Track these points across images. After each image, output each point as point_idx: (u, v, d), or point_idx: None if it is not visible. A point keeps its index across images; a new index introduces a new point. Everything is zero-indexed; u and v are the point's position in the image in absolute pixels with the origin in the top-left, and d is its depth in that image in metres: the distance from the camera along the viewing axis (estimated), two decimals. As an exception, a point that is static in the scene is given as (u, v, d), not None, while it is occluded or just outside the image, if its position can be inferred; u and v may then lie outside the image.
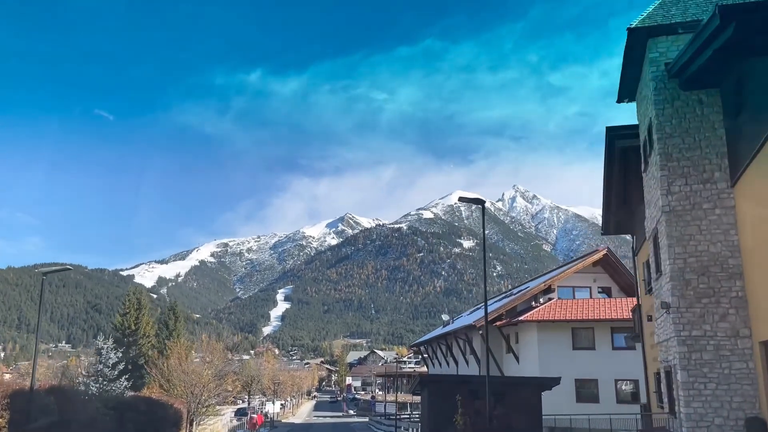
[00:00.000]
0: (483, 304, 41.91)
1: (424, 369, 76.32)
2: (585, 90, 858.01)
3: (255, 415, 37.47)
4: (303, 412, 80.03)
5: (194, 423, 25.44)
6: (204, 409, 25.76)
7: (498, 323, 26.60)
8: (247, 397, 60.09)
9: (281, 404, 65.56)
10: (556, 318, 24.42)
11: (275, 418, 56.98)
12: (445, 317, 41.04)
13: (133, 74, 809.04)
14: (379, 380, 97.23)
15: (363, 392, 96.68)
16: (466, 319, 33.27)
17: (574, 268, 28.20)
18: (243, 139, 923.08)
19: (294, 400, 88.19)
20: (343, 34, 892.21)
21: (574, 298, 26.99)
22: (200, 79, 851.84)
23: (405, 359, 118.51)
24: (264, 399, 56.52)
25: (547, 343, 24.61)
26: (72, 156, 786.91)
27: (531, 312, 25.32)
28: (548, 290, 27.22)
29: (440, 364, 39.12)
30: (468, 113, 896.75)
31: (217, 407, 29.89)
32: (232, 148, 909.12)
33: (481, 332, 27.06)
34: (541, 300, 26.97)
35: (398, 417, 35.88)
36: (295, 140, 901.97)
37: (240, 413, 48.52)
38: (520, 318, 25.04)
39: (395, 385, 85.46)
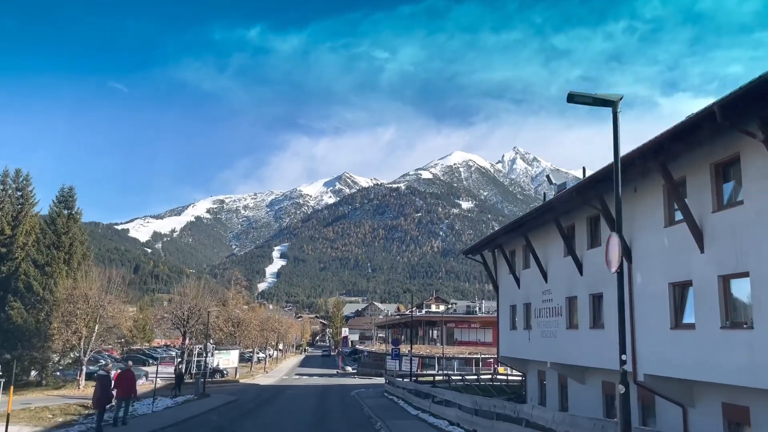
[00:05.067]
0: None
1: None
2: (588, 53, 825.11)
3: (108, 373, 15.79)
4: (282, 368, 62.79)
5: None
6: None
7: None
8: (181, 343, 42.12)
9: (244, 356, 48.13)
10: None
11: (226, 377, 39.23)
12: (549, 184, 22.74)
13: (131, 27, 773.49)
14: (381, 334, 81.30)
15: (362, 345, 79.61)
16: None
17: None
18: (242, 96, 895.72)
19: (275, 353, 71.33)
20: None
21: None
22: (199, 33, 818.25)
23: (407, 312, 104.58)
24: (211, 347, 38.10)
25: None
26: (67, 110, 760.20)
27: None
28: None
29: (544, 276, 20.16)
30: (469, 74, 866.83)
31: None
32: (231, 105, 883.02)
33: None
34: None
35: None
36: (295, 99, 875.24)
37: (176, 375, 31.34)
38: None
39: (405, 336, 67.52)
